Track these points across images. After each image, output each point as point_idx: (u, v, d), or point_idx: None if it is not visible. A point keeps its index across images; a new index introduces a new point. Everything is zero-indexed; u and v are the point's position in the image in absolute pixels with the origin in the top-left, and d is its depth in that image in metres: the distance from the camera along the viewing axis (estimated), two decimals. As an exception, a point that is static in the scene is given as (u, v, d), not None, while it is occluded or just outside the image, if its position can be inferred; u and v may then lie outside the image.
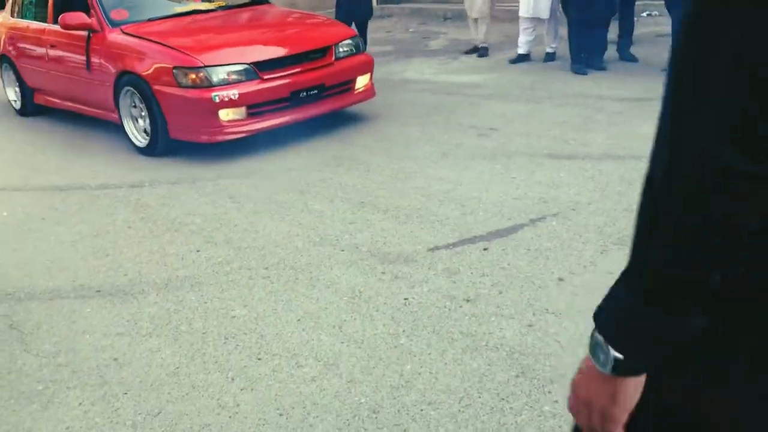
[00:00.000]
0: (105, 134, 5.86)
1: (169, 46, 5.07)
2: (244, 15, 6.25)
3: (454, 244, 3.43)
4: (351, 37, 5.68)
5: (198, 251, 3.61)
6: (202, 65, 4.86)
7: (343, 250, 3.47)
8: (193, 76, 4.85)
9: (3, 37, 6.82)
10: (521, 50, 7.31)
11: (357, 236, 3.62)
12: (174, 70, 4.89)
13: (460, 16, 10.78)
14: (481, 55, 7.84)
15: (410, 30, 9.39)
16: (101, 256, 3.65)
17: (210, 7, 6.16)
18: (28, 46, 6.36)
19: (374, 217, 3.84)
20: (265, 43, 5.43)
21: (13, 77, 6.80)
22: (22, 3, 6.71)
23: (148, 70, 5.03)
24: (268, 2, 6.60)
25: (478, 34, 7.90)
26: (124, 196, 4.51)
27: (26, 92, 6.70)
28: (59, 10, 5.89)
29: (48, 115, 6.73)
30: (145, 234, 3.90)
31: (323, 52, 5.37)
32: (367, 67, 5.70)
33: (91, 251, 3.73)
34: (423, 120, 5.66)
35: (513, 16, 8.02)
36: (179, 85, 4.88)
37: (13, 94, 6.94)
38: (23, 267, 3.62)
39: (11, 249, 3.87)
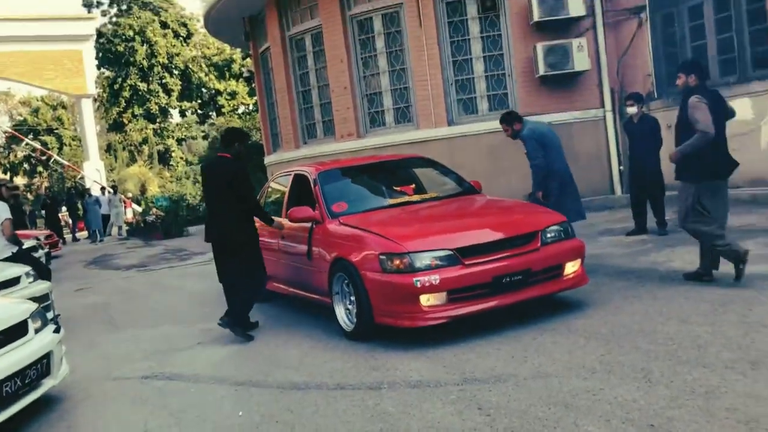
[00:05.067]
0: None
1: (378, 234, 5.26)
2: (454, 204, 6.28)
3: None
4: (559, 223, 5.49)
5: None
6: (407, 251, 4.95)
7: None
8: (398, 261, 4.94)
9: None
10: None
11: (655, 477, 2.69)
12: (380, 256, 5.02)
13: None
14: None
15: (667, 219, 8.49)
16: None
17: (422, 198, 6.36)
18: (265, 239, 6.64)
19: (675, 450, 2.89)
20: (470, 229, 5.47)
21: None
22: (264, 201, 7.38)
23: (357, 257, 5.21)
24: (479, 192, 6.61)
25: None
26: (361, 400, 4.03)
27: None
28: (293, 204, 6.41)
29: (281, 303, 6.79)
30: (382, 450, 3.31)
31: (529, 237, 5.26)
32: (577, 253, 5.46)
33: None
34: (710, 318, 4.63)
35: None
36: (384, 271, 4.97)
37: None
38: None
39: (241, 456, 3.48)
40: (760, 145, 9.52)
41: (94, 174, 30.74)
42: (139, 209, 26.87)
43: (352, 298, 5.34)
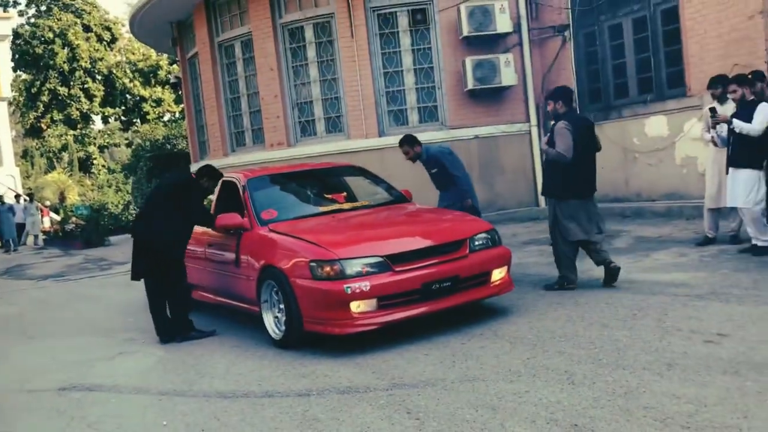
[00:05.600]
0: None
1: (309, 241, 5.22)
2: (385, 212, 6.30)
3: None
4: (486, 231, 5.58)
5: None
6: (337, 258, 4.91)
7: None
8: (328, 268, 4.89)
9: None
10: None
11: (578, 473, 2.76)
12: (311, 263, 4.97)
13: (640, 214, 10.10)
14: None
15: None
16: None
17: (353, 206, 6.36)
18: (190, 247, 6.50)
19: (596, 447, 2.97)
20: (400, 236, 5.47)
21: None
22: None
23: (287, 264, 5.15)
24: (409, 201, 6.70)
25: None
26: (290, 407, 3.98)
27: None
28: (220, 211, 6.26)
29: (208, 312, 6.67)
30: (311, 456, 3.28)
31: (457, 245, 5.31)
32: (504, 260, 5.55)
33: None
34: (629, 323, 4.81)
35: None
36: (314, 278, 4.92)
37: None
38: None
39: (164, 466, 3.38)
40: (675, 161, 10.00)
41: (8, 181, 29.36)
42: (58, 218, 25.76)
43: (281, 306, 5.27)
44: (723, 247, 7.04)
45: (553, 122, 6.12)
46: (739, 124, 6.33)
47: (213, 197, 6.81)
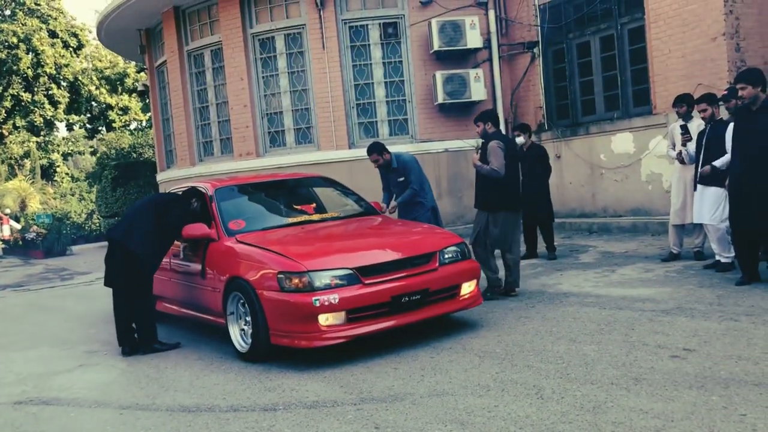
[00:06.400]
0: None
1: (277, 252, 5.14)
2: (354, 224, 6.26)
3: None
4: (456, 244, 5.56)
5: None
6: (306, 270, 4.85)
7: None
8: (297, 280, 4.84)
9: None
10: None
11: (547, 489, 2.73)
12: (279, 275, 4.90)
13: (607, 229, 10.23)
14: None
15: (555, 244, 8.86)
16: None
17: (322, 218, 6.32)
18: None
19: (566, 463, 2.96)
20: (369, 248, 5.43)
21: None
22: None
23: (255, 275, 5.07)
24: (379, 213, 6.73)
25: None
26: (255, 422, 3.89)
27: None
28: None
29: (171, 324, 6.54)
30: (277, 472, 3.20)
31: (427, 257, 5.29)
32: (473, 274, 5.55)
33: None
34: (597, 338, 4.83)
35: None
36: (282, 290, 4.85)
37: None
38: None
39: (124, 484, 3.26)
40: (640, 177, 10.16)
41: (-33, 187, 28.56)
42: (18, 226, 25.15)
43: (248, 319, 5.18)
44: (688, 263, 7.15)
45: (483, 141, 6.63)
46: (722, 162, 6.35)
47: None
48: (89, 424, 4.20)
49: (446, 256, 5.41)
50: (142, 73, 33.61)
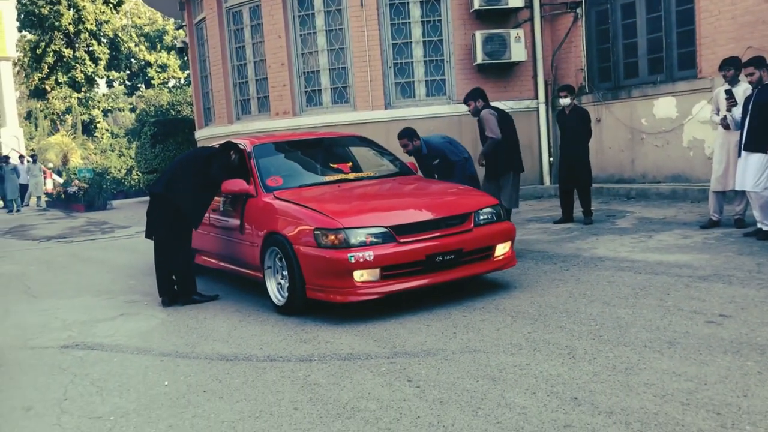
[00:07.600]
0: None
1: (314, 209, 5.22)
2: (390, 183, 6.27)
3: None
4: (492, 206, 5.57)
5: (374, 447, 2.92)
6: (342, 227, 4.92)
7: (561, 464, 2.63)
8: (333, 237, 4.91)
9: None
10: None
11: (577, 445, 2.78)
12: (315, 231, 4.99)
13: (645, 196, 10.08)
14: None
15: (592, 209, 8.78)
16: (261, 443, 3.07)
17: (358, 177, 6.34)
18: None
19: (596, 421, 2.99)
20: (405, 208, 5.48)
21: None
22: None
23: (292, 231, 5.17)
24: (415, 173, 6.73)
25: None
26: (291, 371, 4.00)
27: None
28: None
29: (211, 276, 6.69)
30: (312, 419, 3.30)
31: (462, 218, 5.32)
32: (508, 236, 5.56)
33: (251, 436, 3.16)
34: (631, 301, 4.82)
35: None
36: (318, 246, 4.94)
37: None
38: (175, 449, 3.11)
39: (167, 425, 3.40)
40: (682, 143, 9.95)
41: (12, 141, 29.28)
42: (60, 180, 25.78)
43: (284, 273, 5.28)
44: (727, 231, 7.03)
45: (478, 117, 7.17)
46: None
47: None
48: (131, 369, 4.37)
49: (481, 217, 5.42)
50: (181, 30, 33.74)
